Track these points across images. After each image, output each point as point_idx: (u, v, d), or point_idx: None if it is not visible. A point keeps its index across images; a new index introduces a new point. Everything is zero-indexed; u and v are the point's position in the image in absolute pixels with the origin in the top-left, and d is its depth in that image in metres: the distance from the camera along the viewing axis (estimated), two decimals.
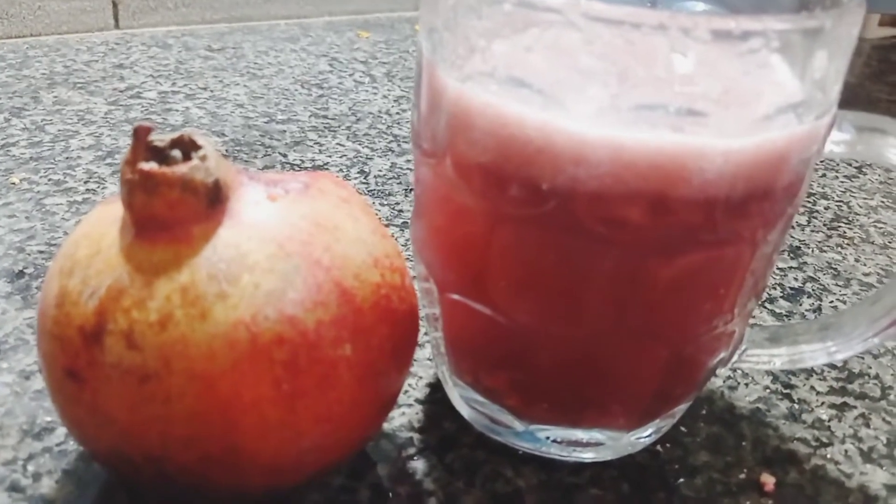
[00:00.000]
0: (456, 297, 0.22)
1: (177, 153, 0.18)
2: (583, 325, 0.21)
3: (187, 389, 0.17)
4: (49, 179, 0.37)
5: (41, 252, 0.32)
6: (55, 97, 0.45)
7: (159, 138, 0.18)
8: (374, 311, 0.19)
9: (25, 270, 0.31)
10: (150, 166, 0.18)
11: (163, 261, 0.18)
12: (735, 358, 0.24)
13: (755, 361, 0.25)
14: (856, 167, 0.46)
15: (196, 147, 0.18)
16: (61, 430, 0.24)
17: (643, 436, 0.24)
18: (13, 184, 0.36)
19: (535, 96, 0.18)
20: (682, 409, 0.24)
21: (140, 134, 0.18)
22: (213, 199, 0.18)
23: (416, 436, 0.25)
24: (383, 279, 0.20)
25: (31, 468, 0.22)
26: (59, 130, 0.41)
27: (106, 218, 0.19)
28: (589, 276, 0.20)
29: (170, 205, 0.18)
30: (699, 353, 0.22)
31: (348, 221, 0.20)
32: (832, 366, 0.29)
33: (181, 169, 0.18)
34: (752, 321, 0.24)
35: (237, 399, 0.18)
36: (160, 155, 0.18)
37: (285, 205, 0.19)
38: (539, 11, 0.18)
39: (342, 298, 0.19)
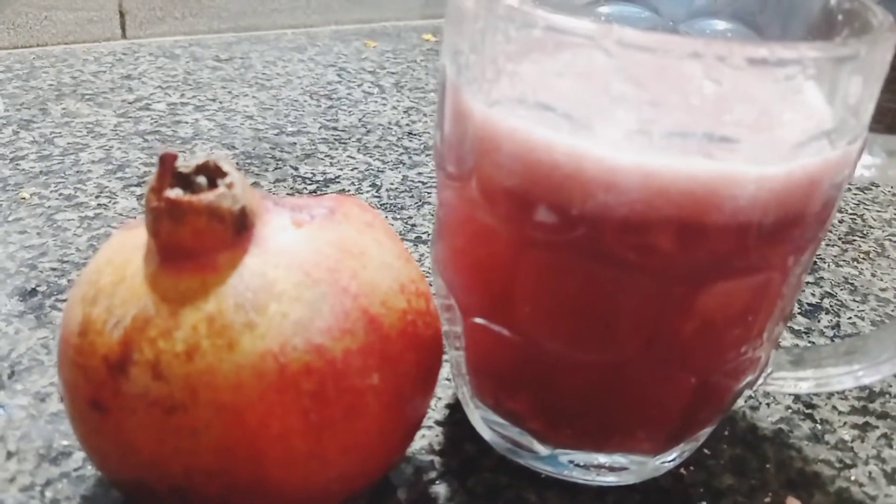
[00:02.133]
0: (479, 320, 0.22)
1: (202, 180, 0.18)
2: (609, 353, 0.20)
3: (214, 421, 0.17)
4: (60, 194, 0.36)
5: (53, 269, 0.31)
6: (64, 109, 0.45)
7: (184, 165, 0.18)
8: (400, 338, 0.19)
9: (38, 288, 0.30)
10: (177, 194, 0.17)
11: (189, 290, 0.18)
12: (761, 381, 0.24)
13: (781, 385, 0.24)
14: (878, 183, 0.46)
15: (222, 174, 0.18)
16: (79, 455, 0.23)
17: (668, 460, 0.24)
18: (23, 199, 0.36)
19: (563, 121, 0.18)
20: (706, 432, 0.24)
21: (167, 161, 0.17)
22: (240, 227, 0.18)
23: (436, 459, 0.24)
24: (409, 305, 0.20)
25: (49, 494, 0.22)
26: (69, 143, 0.41)
27: (129, 244, 0.19)
28: (617, 304, 0.20)
29: (196, 233, 0.17)
30: (727, 378, 0.22)
31: (374, 246, 0.20)
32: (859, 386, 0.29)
33: (208, 197, 0.17)
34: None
35: (264, 430, 0.17)
36: (185, 181, 0.18)
37: (311, 231, 0.19)
38: (570, 36, 0.18)
39: (369, 326, 0.19)
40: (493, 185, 0.20)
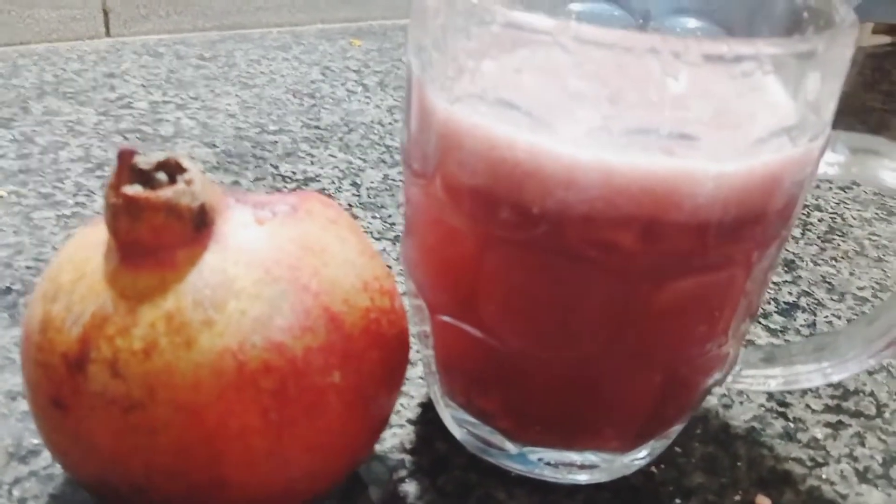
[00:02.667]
0: (447, 318, 0.22)
1: (162, 176, 0.18)
2: (575, 349, 0.20)
3: (172, 420, 0.17)
4: (37, 192, 0.36)
5: (28, 268, 0.31)
6: (45, 107, 0.45)
7: (144, 161, 0.18)
8: (363, 336, 0.19)
9: (13, 287, 0.30)
10: (135, 190, 0.17)
11: (147, 287, 0.17)
12: (729, 379, 0.24)
13: (750, 382, 0.24)
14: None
15: (181, 170, 0.18)
16: (48, 454, 0.23)
17: (638, 457, 0.24)
18: (1, 197, 0.36)
19: (524, 118, 0.18)
20: (676, 429, 0.24)
21: (124, 157, 0.17)
22: (199, 224, 0.18)
23: (407, 457, 0.24)
24: (373, 303, 0.20)
25: (16, 493, 0.22)
26: (49, 142, 0.41)
27: (90, 241, 0.19)
28: (580, 300, 0.20)
29: (154, 230, 0.17)
30: (693, 374, 0.22)
31: (336, 244, 0.20)
32: (828, 383, 0.29)
33: (166, 193, 0.17)
34: (746, 338, 0.23)
35: (223, 429, 0.17)
36: (145, 177, 0.18)
37: (273, 228, 0.19)
38: (528, 33, 0.18)
39: (331, 324, 0.18)
40: (456, 182, 0.20)
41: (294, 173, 0.40)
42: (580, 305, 0.20)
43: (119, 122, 0.44)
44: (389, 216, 0.37)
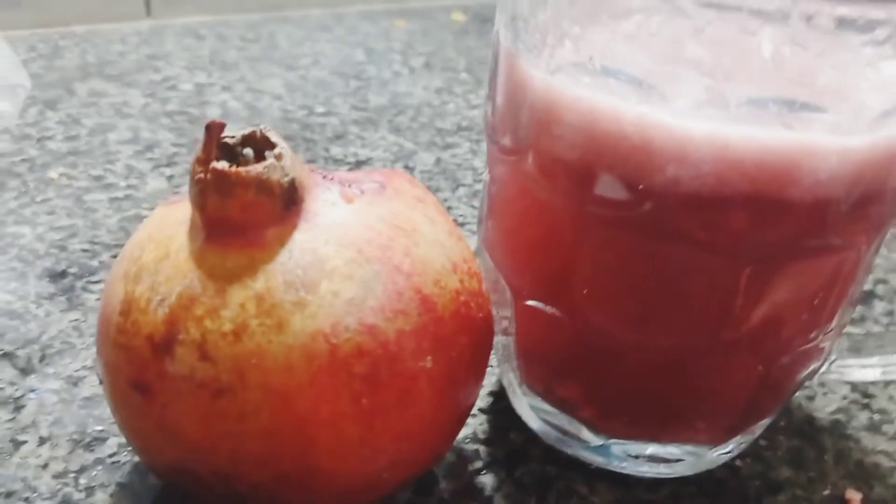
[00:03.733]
0: (532, 302, 0.21)
1: (248, 152, 0.17)
2: (673, 337, 0.19)
3: (263, 405, 0.16)
4: (88, 175, 0.36)
5: (84, 251, 0.31)
6: (90, 89, 0.44)
7: (230, 136, 0.17)
8: (454, 319, 0.18)
9: (69, 270, 0.29)
10: (224, 165, 0.16)
11: (236, 266, 0.17)
12: (824, 369, 0.23)
13: (844, 373, 0.23)
14: None
15: (270, 145, 0.17)
16: (114, 440, 0.23)
17: (724, 451, 0.23)
18: (52, 179, 0.35)
19: (632, 89, 0.17)
20: (764, 423, 0.23)
21: (213, 130, 0.16)
22: (289, 201, 0.17)
23: (482, 448, 0.24)
24: (462, 285, 0.19)
25: (83, 481, 0.21)
26: (96, 124, 0.40)
27: (171, 219, 0.18)
28: (684, 285, 0.18)
29: (244, 207, 0.17)
30: (794, 365, 0.21)
31: (425, 223, 0.19)
32: None
33: (256, 168, 0.16)
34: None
35: (315, 416, 0.16)
36: (231, 153, 0.17)
37: (362, 206, 0.18)
38: None
39: (423, 307, 0.18)
40: (552, 158, 0.18)
41: (345, 156, 0.39)
42: (681, 291, 0.19)
43: (166, 104, 0.43)
44: (445, 200, 0.36)
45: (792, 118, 0.16)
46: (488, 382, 0.26)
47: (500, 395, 0.25)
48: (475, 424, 0.24)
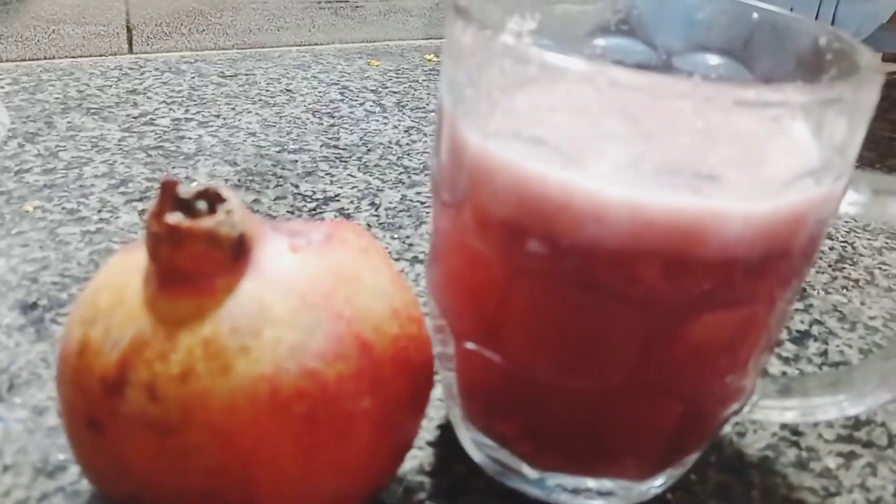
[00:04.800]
0: (470, 345, 0.22)
1: (202, 205, 0.19)
2: (597, 380, 0.21)
3: (207, 443, 0.17)
4: (63, 208, 0.37)
5: (54, 283, 0.32)
6: (69, 122, 0.45)
7: (185, 190, 0.18)
8: (392, 362, 0.20)
9: (39, 302, 0.31)
10: (177, 219, 0.18)
11: (186, 313, 0.18)
12: (747, 409, 0.24)
13: (767, 414, 0.25)
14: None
15: (221, 199, 0.19)
16: (74, 469, 0.24)
17: (654, 485, 0.24)
18: (27, 212, 0.36)
19: (556, 155, 0.18)
20: (693, 458, 0.24)
21: (167, 187, 0.18)
22: (237, 252, 0.18)
23: (427, 479, 0.25)
24: (402, 330, 0.20)
25: None
26: (73, 157, 0.42)
27: (128, 267, 0.19)
28: (605, 333, 0.20)
29: (195, 258, 0.18)
30: (713, 406, 0.22)
31: (368, 272, 0.20)
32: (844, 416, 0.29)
33: (207, 223, 0.18)
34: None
35: (257, 453, 0.18)
36: (185, 206, 0.19)
37: (307, 256, 0.19)
38: (563, 74, 0.18)
39: (362, 351, 0.19)
40: (486, 214, 0.20)
41: (314, 192, 0.41)
42: (605, 338, 0.20)
43: (142, 138, 0.44)
44: (407, 237, 0.38)
45: (700, 185, 0.18)
46: (436, 416, 0.27)
47: (447, 429, 0.27)
48: (422, 457, 0.26)
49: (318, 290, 0.19)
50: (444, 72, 0.21)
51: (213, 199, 0.19)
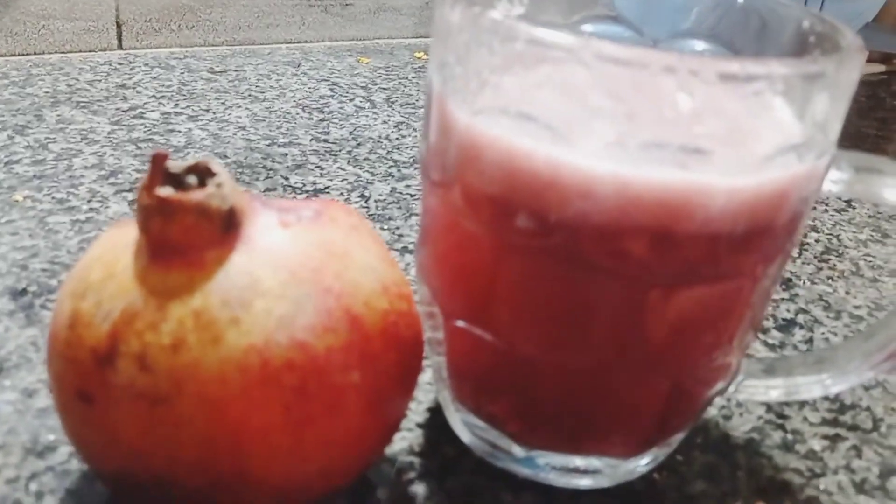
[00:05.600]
0: (460, 323, 0.22)
1: (192, 179, 0.19)
2: (585, 356, 0.21)
3: (198, 413, 0.18)
4: (52, 198, 0.37)
5: (44, 270, 0.32)
6: (58, 116, 0.45)
7: (175, 165, 0.19)
8: (382, 337, 0.20)
9: (28, 288, 0.31)
10: (167, 192, 0.18)
11: (176, 285, 0.18)
12: (732, 388, 0.25)
13: (752, 392, 0.25)
14: (845, 201, 0.47)
15: (211, 174, 0.19)
16: (64, 449, 0.24)
17: (641, 464, 0.24)
18: (16, 201, 0.36)
19: (544, 131, 0.19)
20: (679, 437, 0.25)
21: (157, 160, 0.18)
22: (228, 226, 0.19)
23: (416, 460, 0.25)
24: (391, 306, 0.20)
25: (33, 487, 0.22)
26: (63, 149, 0.42)
27: (119, 241, 0.20)
28: (592, 308, 0.20)
29: (185, 230, 0.18)
30: (698, 384, 0.23)
31: (358, 249, 0.20)
32: (825, 397, 0.30)
33: (197, 195, 0.18)
34: (747, 351, 0.24)
35: (247, 424, 0.18)
36: (175, 181, 0.19)
37: (297, 232, 0.20)
38: (550, 49, 0.18)
39: (352, 325, 0.19)
40: (475, 192, 0.20)
41: (304, 185, 0.41)
42: (592, 313, 0.20)
43: (132, 131, 0.44)
44: (397, 228, 0.38)
45: (685, 160, 0.18)
46: (426, 399, 0.27)
47: (436, 411, 0.27)
48: (412, 438, 0.26)
49: (308, 265, 0.19)
50: (433, 52, 0.22)
51: (203, 174, 0.19)
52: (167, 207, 0.18)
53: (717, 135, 0.18)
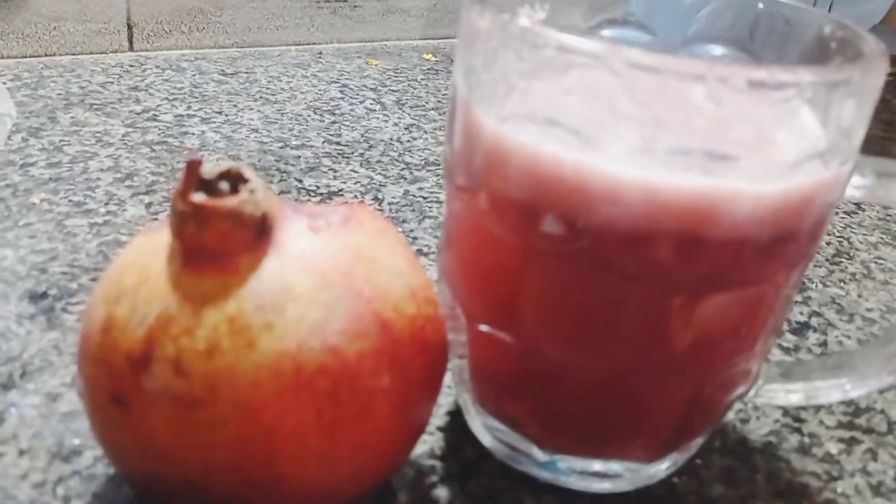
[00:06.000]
0: (484, 327, 0.23)
1: (225, 185, 0.19)
2: (610, 359, 0.21)
3: (232, 417, 0.18)
4: (69, 201, 0.37)
5: (64, 273, 0.32)
6: (72, 118, 0.45)
7: (209, 170, 0.19)
8: (410, 342, 0.20)
9: (49, 292, 0.31)
10: (202, 198, 0.18)
11: (211, 290, 0.18)
12: (752, 393, 0.25)
13: (771, 397, 0.25)
14: (855, 204, 0.47)
15: (243, 180, 0.19)
16: (90, 453, 0.24)
17: (661, 468, 0.25)
18: (33, 204, 0.36)
19: (571, 137, 0.19)
20: (698, 442, 0.25)
21: (192, 166, 0.18)
22: (261, 231, 0.19)
23: (437, 463, 0.25)
24: (419, 310, 0.21)
25: (60, 491, 0.23)
26: (78, 151, 0.42)
27: (152, 246, 0.20)
28: (618, 312, 0.20)
29: (219, 236, 0.18)
30: (720, 389, 0.23)
31: (386, 253, 0.21)
32: (840, 401, 0.30)
33: (232, 202, 0.18)
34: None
35: (280, 427, 0.18)
36: (208, 186, 0.19)
37: (327, 237, 0.20)
38: (579, 56, 0.18)
39: (382, 329, 0.19)
40: (501, 196, 0.20)
41: (318, 187, 0.41)
42: (616, 317, 0.21)
43: (146, 133, 0.45)
44: (411, 231, 0.38)
45: (712, 166, 0.18)
46: (446, 402, 0.28)
47: (456, 415, 0.27)
48: (433, 441, 0.26)
49: (338, 270, 0.19)
50: (459, 59, 0.22)
51: (235, 180, 0.19)
52: (202, 214, 0.18)
53: (744, 141, 0.19)
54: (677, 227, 0.19)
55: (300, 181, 0.41)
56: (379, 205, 0.40)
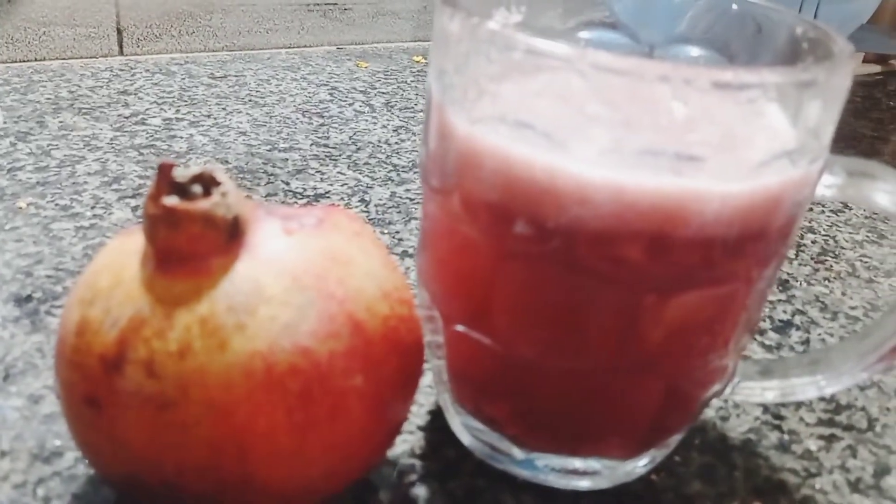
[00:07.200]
0: (460, 328, 0.23)
1: (197, 188, 0.19)
2: (583, 359, 0.21)
3: (204, 418, 0.18)
4: (56, 204, 0.37)
5: (49, 277, 0.32)
6: (61, 122, 0.46)
7: (181, 174, 0.19)
8: (383, 342, 0.20)
9: (34, 295, 0.31)
10: (173, 201, 0.18)
11: (183, 293, 0.18)
12: (728, 390, 0.25)
13: (748, 394, 0.25)
14: (841, 202, 0.47)
15: (216, 183, 0.19)
16: (70, 455, 0.24)
17: (639, 465, 0.25)
18: (20, 208, 0.37)
19: (541, 139, 0.19)
20: (676, 439, 0.25)
21: (164, 170, 0.18)
22: (233, 234, 0.19)
23: (418, 462, 0.25)
24: (392, 311, 0.21)
25: (40, 492, 0.23)
26: (65, 156, 0.42)
27: (126, 249, 0.20)
28: (589, 312, 0.21)
29: (191, 239, 0.18)
30: (694, 386, 0.23)
31: (360, 255, 0.21)
32: (821, 398, 0.30)
33: (203, 205, 0.18)
34: (743, 353, 0.24)
35: (252, 427, 0.18)
36: (181, 190, 0.19)
37: (301, 239, 0.20)
38: (548, 59, 0.19)
39: (354, 330, 0.19)
40: (474, 198, 0.21)
41: (304, 189, 0.41)
42: (589, 317, 0.21)
43: (134, 137, 0.45)
44: (397, 232, 0.38)
45: (680, 166, 0.19)
46: (427, 402, 0.28)
47: (437, 414, 0.27)
48: (413, 441, 0.26)
49: (311, 271, 0.19)
50: (433, 61, 0.22)
51: (209, 183, 0.19)
52: (173, 217, 0.18)
53: (711, 142, 0.19)
54: (646, 227, 0.19)
55: (287, 183, 0.42)
56: (365, 207, 0.40)
